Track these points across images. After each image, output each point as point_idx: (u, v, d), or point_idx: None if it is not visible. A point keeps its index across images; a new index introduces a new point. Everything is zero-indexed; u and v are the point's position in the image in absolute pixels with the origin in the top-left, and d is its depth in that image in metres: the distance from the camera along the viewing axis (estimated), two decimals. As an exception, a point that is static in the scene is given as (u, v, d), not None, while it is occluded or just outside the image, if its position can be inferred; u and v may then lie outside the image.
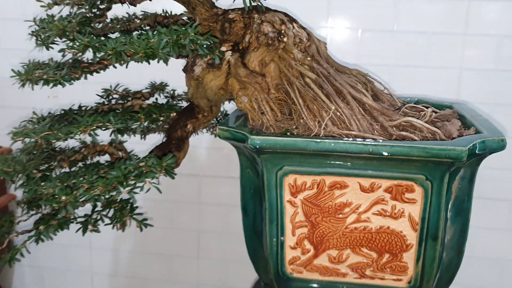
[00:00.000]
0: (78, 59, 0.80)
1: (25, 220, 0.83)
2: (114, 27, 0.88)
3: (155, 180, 0.70)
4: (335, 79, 0.78)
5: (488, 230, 1.34)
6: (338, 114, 0.75)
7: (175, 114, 0.79)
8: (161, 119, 0.76)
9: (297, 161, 0.70)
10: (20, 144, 0.78)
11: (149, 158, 0.70)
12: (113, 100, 0.92)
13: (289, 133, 0.74)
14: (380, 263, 0.74)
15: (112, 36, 0.76)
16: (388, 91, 0.86)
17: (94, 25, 0.79)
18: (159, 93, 0.96)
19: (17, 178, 0.76)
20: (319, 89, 0.76)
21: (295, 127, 0.76)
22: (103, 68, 0.81)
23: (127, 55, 0.67)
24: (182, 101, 0.95)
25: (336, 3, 1.26)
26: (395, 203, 0.71)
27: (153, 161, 0.69)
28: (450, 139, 0.72)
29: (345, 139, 0.69)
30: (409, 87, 1.25)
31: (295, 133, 0.74)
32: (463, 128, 0.78)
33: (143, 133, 0.91)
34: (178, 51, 0.67)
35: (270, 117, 0.76)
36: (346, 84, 0.77)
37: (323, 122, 0.73)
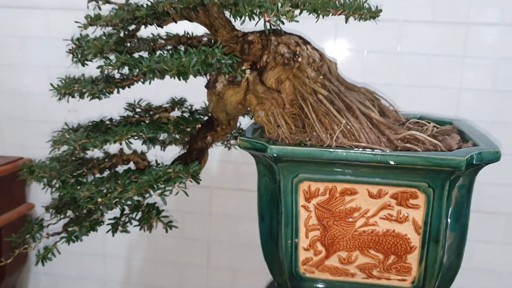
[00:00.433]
0: (110, 75, 0.87)
1: (54, 224, 0.89)
2: (140, 46, 0.95)
3: (182, 185, 0.76)
4: (345, 95, 0.82)
5: (486, 243, 1.37)
6: (348, 127, 0.78)
7: (200, 126, 0.85)
8: (188, 130, 0.82)
9: (311, 169, 0.74)
10: (44, 154, 0.84)
11: (177, 165, 0.76)
12: (136, 114, 0.98)
13: (303, 144, 0.78)
14: (386, 264, 0.77)
15: (135, 55, 0.82)
16: (393, 108, 0.89)
17: (125, 44, 0.86)
18: (178, 107, 1.03)
19: (53, 183, 0.83)
20: (330, 104, 0.80)
21: (308, 139, 0.79)
22: (132, 84, 0.88)
23: (159, 72, 0.74)
24: (200, 115, 1.02)
25: (342, 26, 1.30)
26: (400, 208, 0.74)
27: (180, 167, 0.75)
28: (450, 151, 0.76)
29: (355, 149, 0.72)
30: (411, 105, 1.28)
31: (308, 144, 0.78)
32: (462, 142, 0.81)
33: (164, 145, 0.98)
34: (205, 68, 0.72)
35: (285, 129, 0.80)
36: (355, 101, 0.81)
37: (335, 135, 0.77)
